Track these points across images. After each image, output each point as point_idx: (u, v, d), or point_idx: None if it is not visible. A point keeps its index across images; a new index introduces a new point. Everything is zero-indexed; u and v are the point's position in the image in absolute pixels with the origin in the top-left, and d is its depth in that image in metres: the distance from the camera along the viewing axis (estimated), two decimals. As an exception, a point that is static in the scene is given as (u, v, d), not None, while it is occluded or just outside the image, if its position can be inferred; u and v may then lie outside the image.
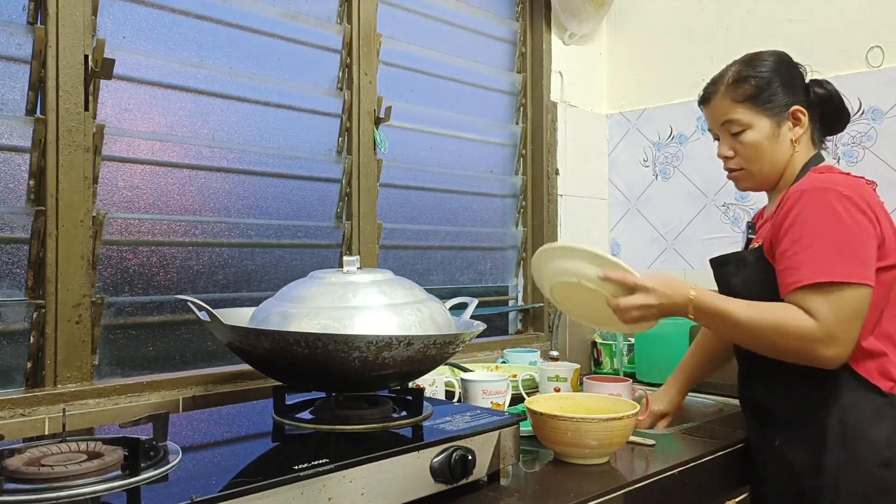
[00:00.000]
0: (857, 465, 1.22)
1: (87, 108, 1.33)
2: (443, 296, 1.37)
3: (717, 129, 1.40)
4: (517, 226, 2.29)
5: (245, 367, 1.48)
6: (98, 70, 1.33)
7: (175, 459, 0.90)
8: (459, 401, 1.52)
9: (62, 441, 0.93)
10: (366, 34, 1.81)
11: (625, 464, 1.26)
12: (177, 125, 1.52)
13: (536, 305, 2.26)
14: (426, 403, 1.19)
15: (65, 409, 1.21)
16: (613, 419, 1.22)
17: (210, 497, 0.78)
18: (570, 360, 1.84)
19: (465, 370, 1.72)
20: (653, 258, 2.34)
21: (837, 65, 1.92)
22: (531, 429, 1.30)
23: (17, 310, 1.29)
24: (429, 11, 2.02)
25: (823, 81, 1.38)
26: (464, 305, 1.37)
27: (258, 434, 1.11)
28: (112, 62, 1.33)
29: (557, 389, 1.59)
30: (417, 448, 1.00)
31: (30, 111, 1.30)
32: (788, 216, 1.24)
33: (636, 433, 1.39)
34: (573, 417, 1.22)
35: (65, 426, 1.03)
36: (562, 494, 1.08)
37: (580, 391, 1.63)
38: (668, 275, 1.28)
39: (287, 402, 1.20)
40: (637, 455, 1.32)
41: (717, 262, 1.43)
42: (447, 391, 1.55)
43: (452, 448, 1.03)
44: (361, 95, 1.80)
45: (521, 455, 1.19)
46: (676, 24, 2.28)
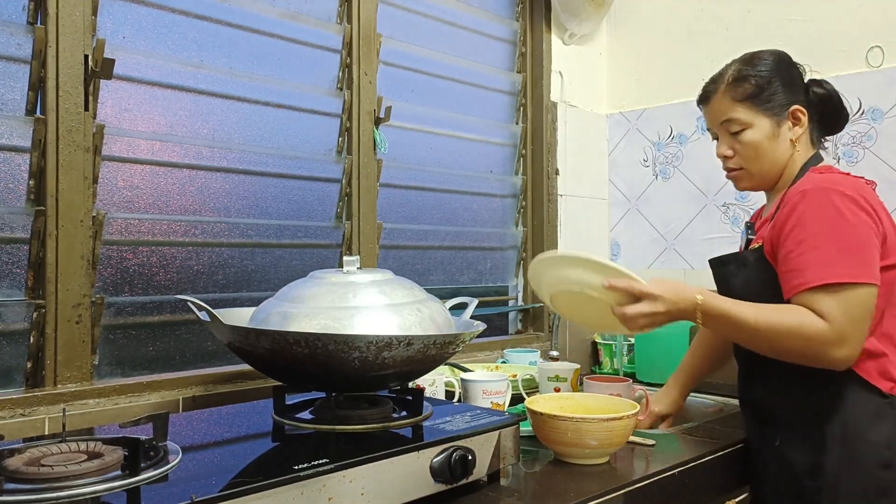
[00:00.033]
0: (857, 466, 1.22)
1: (87, 108, 1.33)
2: (443, 296, 1.36)
3: (717, 129, 1.39)
4: (517, 226, 2.29)
5: (245, 367, 1.48)
6: (98, 70, 1.33)
7: (175, 459, 0.90)
8: (459, 401, 1.52)
9: (62, 441, 0.93)
10: (366, 34, 1.81)
11: (625, 464, 1.26)
12: (177, 125, 1.52)
13: (536, 305, 2.26)
14: (426, 403, 1.19)
15: (65, 409, 1.21)
16: (613, 419, 1.22)
17: (210, 497, 0.78)
18: (570, 360, 1.84)
19: (465, 370, 1.72)
20: (653, 258, 2.34)
21: (837, 65, 1.92)
22: (531, 429, 1.30)
23: (17, 310, 1.29)
24: (429, 11, 2.03)
25: (822, 81, 1.37)
26: (464, 305, 1.37)
27: (258, 434, 1.11)
28: (112, 62, 1.33)
29: (557, 389, 1.59)
30: (417, 448, 1.00)
31: (30, 111, 1.30)
32: (791, 217, 1.23)
33: (636, 433, 1.39)
34: (573, 417, 1.22)
35: (65, 426, 1.03)
36: (562, 494, 1.08)
37: (580, 391, 1.63)
38: (673, 279, 1.27)
39: (287, 402, 1.20)
40: (637, 455, 1.32)
41: (717, 263, 1.43)
42: (447, 391, 1.55)
43: (452, 448, 1.03)
44: (361, 95, 1.80)
45: (521, 455, 1.19)
46: (676, 24, 2.28)
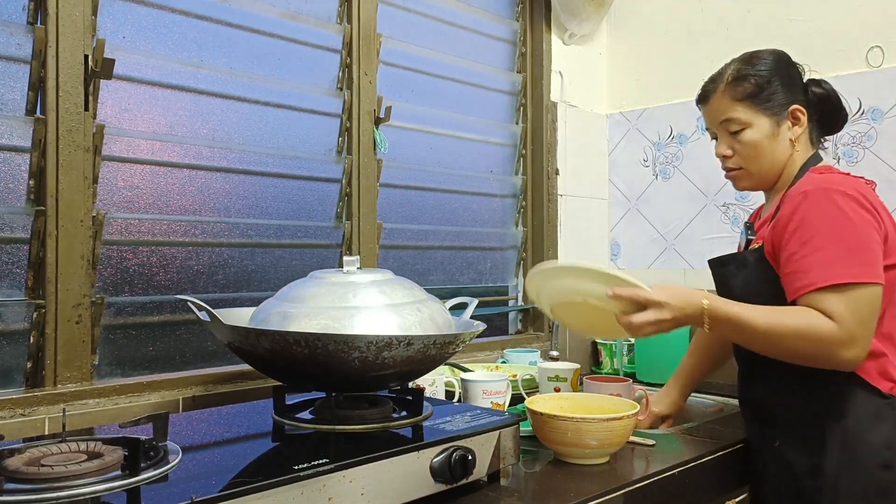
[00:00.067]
0: (857, 467, 1.22)
1: (87, 108, 1.33)
2: (443, 296, 1.36)
3: (716, 128, 1.39)
4: (517, 226, 2.29)
5: (245, 367, 1.48)
6: (98, 70, 1.33)
7: (175, 459, 0.90)
8: (459, 401, 1.52)
9: (62, 441, 0.93)
10: (366, 34, 1.81)
11: (625, 464, 1.26)
12: (177, 125, 1.52)
13: (536, 305, 2.25)
14: (426, 403, 1.19)
15: (65, 409, 1.20)
16: (613, 419, 1.22)
17: (210, 497, 0.78)
18: (570, 360, 1.84)
19: (465, 370, 1.72)
20: (653, 258, 2.34)
21: (837, 65, 1.92)
22: (531, 429, 1.30)
23: (17, 310, 1.29)
24: (429, 11, 2.02)
25: (821, 81, 1.37)
26: (464, 305, 1.37)
27: (258, 434, 1.11)
28: (112, 62, 1.33)
29: (557, 389, 1.59)
30: (417, 448, 1.00)
31: (30, 111, 1.30)
32: (793, 218, 1.22)
33: (636, 433, 1.39)
34: (573, 417, 1.22)
35: (65, 426, 1.03)
36: (562, 494, 1.08)
37: (580, 391, 1.63)
38: (676, 284, 1.26)
39: (287, 402, 1.20)
40: (637, 455, 1.32)
41: (717, 263, 1.43)
42: (447, 391, 1.55)
43: (452, 448, 1.03)
44: (361, 95, 1.80)
45: (521, 455, 1.19)
46: (676, 24, 2.28)
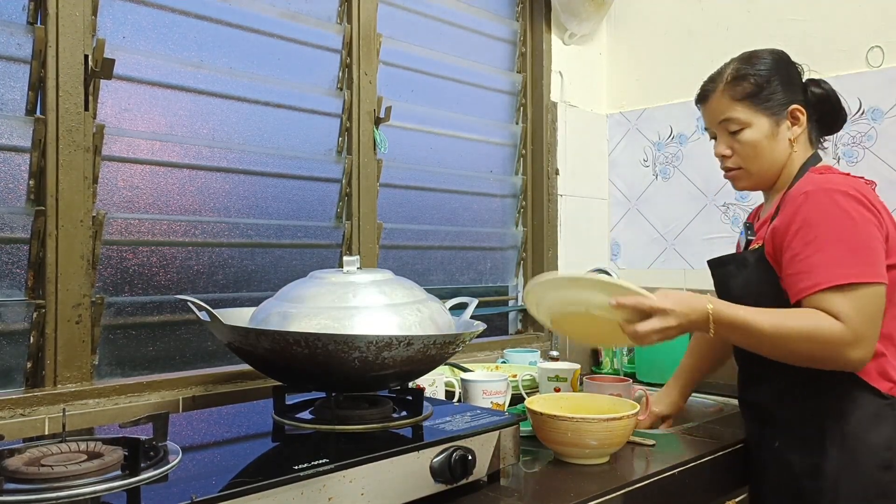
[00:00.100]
0: (857, 468, 1.21)
1: (87, 108, 1.33)
2: (443, 296, 1.36)
3: (715, 128, 1.39)
4: (517, 226, 2.29)
5: (245, 367, 1.48)
6: (98, 70, 1.33)
7: (175, 459, 0.90)
8: (459, 401, 1.52)
9: (62, 441, 0.93)
10: (366, 34, 1.81)
11: (625, 464, 1.26)
12: (177, 125, 1.52)
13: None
14: (426, 403, 1.19)
15: (65, 409, 1.20)
16: (613, 419, 1.22)
17: (210, 497, 0.78)
18: (570, 360, 1.84)
19: (465, 370, 1.72)
20: (653, 258, 2.34)
21: (837, 65, 1.92)
22: (531, 429, 1.30)
23: (17, 310, 1.29)
24: (429, 11, 2.02)
25: (820, 81, 1.37)
26: (464, 305, 1.37)
27: (258, 434, 1.11)
28: (112, 62, 1.33)
29: (557, 389, 1.59)
30: (417, 448, 1.00)
31: (30, 111, 1.30)
32: (795, 219, 1.22)
33: (636, 433, 1.39)
34: (573, 417, 1.22)
35: (65, 426, 1.03)
36: (562, 494, 1.08)
37: (580, 391, 1.63)
38: (678, 290, 1.24)
39: (287, 402, 1.20)
40: (637, 455, 1.32)
41: (716, 264, 1.43)
42: (447, 391, 1.55)
43: (452, 448, 1.03)
44: (361, 95, 1.80)
45: (521, 455, 1.19)
46: (676, 24, 2.28)
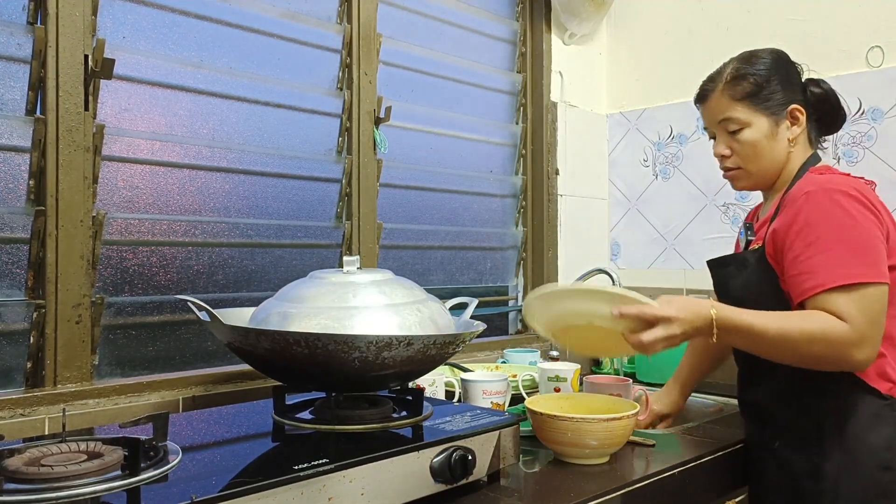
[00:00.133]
0: (857, 469, 1.21)
1: (87, 108, 1.33)
2: (443, 296, 1.36)
3: (714, 128, 1.38)
4: (517, 226, 2.29)
5: (245, 367, 1.48)
6: (98, 70, 1.33)
7: (175, 459, 0.90)
8: (459, 401, 1.52)
9: (62, 441, 0.93)
10: (366, 34, 1.81)
11: (625, 464, 1.26)
12: (177, 125, 1.52)
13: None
14: (426, 403, 1.19)
15: (65, 409, 1.20)
16: (613, 419, 1.22)
17: (210, 497, 0.78)
18: (570, 361, 1.84)
19: (465, 370, 1.72)
20: (653, 258, 2.34)
21: (837, 65, 1.92)
22: (531, 429, 1.29)
23: (17, 310, 1.29)
24: (429, 11, 2.02)
25: (820, 81, 1.36)
26: (464, 305, 1.37)
27: (258, 434, 1.11)
28: (112, 62, 1.33)
29: (557, 389, 1.59)
30: (417, 448, 1.00)
31: (30, 111, 1.30)
32: (797, 219, 1.22)
33: (636, 433, 1.39)
34: (573, 417, 1.21)
35: (65, 426, 1.03)
36: (562, 494, 1.08)
37: (580, 391, 1.63)
38: (681, 296, 1.24)
39: (287, 402, 1.20)
40: (637, 455, 1.32)
41: (716, 264, 1.43)
42: (447, 391, 1.55)
43: (452, 448, 1.03)
44: (361, 95, 1.80)
45: (521, 455, 1.19)
46: (676, 24, 2.28)
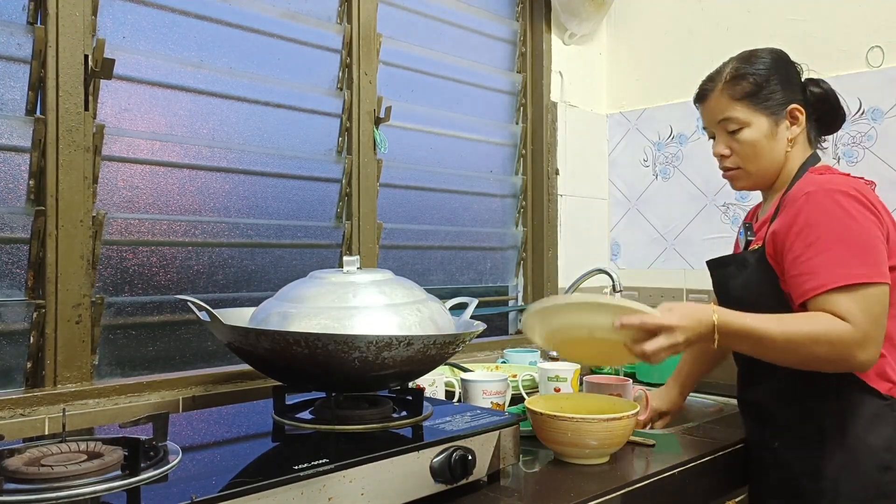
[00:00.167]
0: (857, 469, 1.21)
1: (87, 108, 1.33)
2: (443, 296, 1.36)
3: (714, 127, 1.38)
4: (517, 226, 2.29)
5: (245, 367, 1.48)
6: (98, 70, 1.33)
7: (175, 459, 0.90)
8: (459, 401, 1.52)
9: (62, 441, 0.93)
10: (366, 34, 1.81)
11: (625, 464, 1.26)
12: (177, 125, 1.52)
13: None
14: (426, 403, 1.19)
15: (65, 409, 1.20)
16: (613, 419, 1.22)
17: (210, 497, 0.78)
18: (570, 361, 1.84)
19: (465, 370, 1.72)
20: (653, 258, 2.34)
21: (837, 65, 1.92)
22: (531, 429, 1.29)
23: (17, 310, 1.29)
24: (429, 11, 2.02)
25: (819, 80, 1.36)
26: (464, 305, 1.37)
27: (258, 434, 1.11)
28: (112, 62, 1.33)
29: (557, 389, 1.59)
30: (417, 448, 1.00)
31: (30, 111, 1.30)
32: (797, 220, 1.22)
33: (636, 433, 1.39)
34: (573, 417, 1.21)
35: (65, 426, 1.03)
36: (562, 494, 1.08)
37: (580, 391, 1.63)
38: (682, 302, 1.22)
39: (287, 402, 1.20)
40: (637, 455, 1.32)
41: (716, 264, 1.42)
42: (447, 391, 1.55)
43: (452, 448, 1.03)
44: (361, 95, 1.80)
45: (521, 455, 1.19)
46: (676, 24, 2.28)
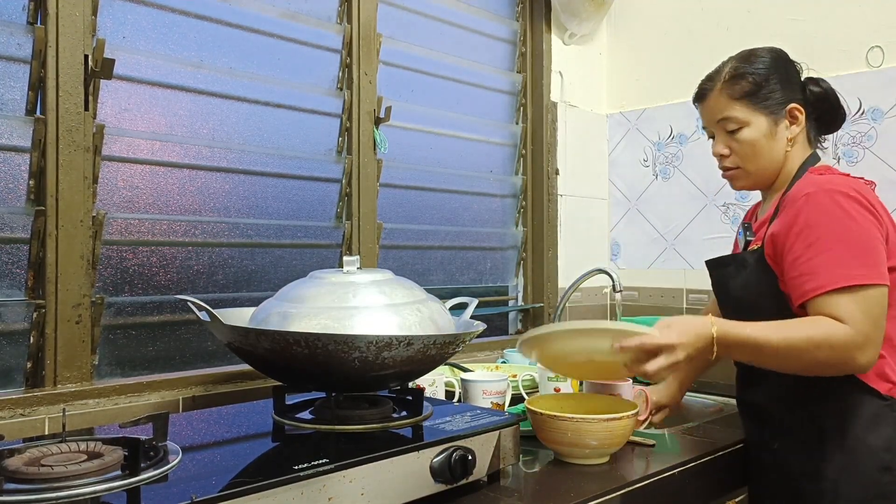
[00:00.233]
0: (857, 470, 1.21)
1: (87, 108, 1.33)
2: (443, 296, 1.36)
3: (713, 127, 1.38)
4: (517, 226, 2.29)
5: (245, 367, 1.48)
6: (98, 70, 1.33)
7: (175, 459, 0.90)
8: (459, 401, 1.52)
9: (62, 441, 0.93)
10: (366, 34, 1.81)
11: (625, 464, 1.26)
12: (177, 125, 1.52)
13: (536, 305, 2.26)
14: (426, 403, 1.19)
15: (65, 409, 1.21)
16: (613, 419, 1.22)
17: (210, 497, 0.78)
18: (570, 360, 1.84)
19: (465, 370, 1.72)
20: (653, 258, 2.34)
21: (837, 65, 1.92)
22: (531, 429, 1.29)
23: (17, 310, 1.29)
24: (429, 11, 2.02)
25: (819, 79, 1.36)
26: (464, 305, 1.37)
27: (258, 434, 1.11)
28: (112, 62, 1.33)
29: (557, 389, 1.58)
30: (417, 448, 1.00)
31: (30, 111, 1.30)
32: (797, 221, 1.21)
33: (636, 433, 1.39)
34: (573, 417, 1.21)
35: (65, 426, 1.03)
36: (562, 494, 1.08)
37: (580, 391, 1.63)
38: (678, 317, 1.21)
39: (287, 402, 1.20)
40: (637, 455, 1.32)
41: (716, 264, 1.42)
42: (447, 391, 1.55)
43: (452, 448, 1.03)
44: (361, 95, 1.80)
45: (521, 455, 1.19)
46: (676, 25, 2.28)
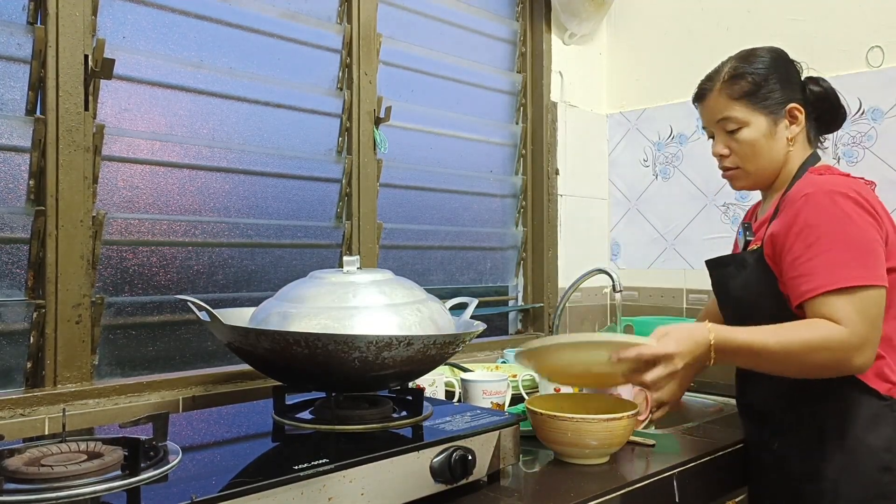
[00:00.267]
0: (857, 470, 1.21)
1: (87, 108, 1.33)
2: (443, 296, 1.36)
3: (713, 127, 1.37)
4: (517, 226, 2.29)
5: (245, 367, 1.48)
6: (98, 70, 1.33)
7: (175, 459, 0.90)
8: (459, 401, 1.52)
9: (62, 441, 0.93)
10: (366, 34, 1.81)
11: (625, 464, 1.26)
12: (177, 125, 1.52)
13: (536, 305, 2.26)
14: (426, 403, 1.19)
15: (65, 409, 1.20)
16: (613, 419, 1.22)
17: (210, 497, 0.78)
18: (570, 360, 1.84)
19: (465, 370, 1.72)
20: (653, 258, 2.34)
21: (837, 65, 1.92)
22: (531, 429, 1.30)
23: (17, 310, 1.29)
24: (429, 11, 2.02)
25: (819, 79, 1.36)
26: (464, 305, 1.37)
27: (258, 434, 1.11)
28: (112, 62, 1.33)
29: (557, 389, 1.58)
30: (417, 448, 1.00)
31: (30, 111, 1.30)
32: (796, 221, 1.21)
33: (636, 433, 1.39)
34: (573, 417, 1.21)
35: (65, 426, 1.03)
36: (562, 494, 1.08)
37: (580, 391, 1.63)
38: (675, 325, 1.21)
39: (287, 402, 1.20)
40: (637, 455, 1.32)
41: (715, 264, 1.42)
42: (447, 391, 1.55)
43: (452, 448, 1.03)
44: (361, 95, 1.80)
45: (521, 455, 1.19)
46: (676, 25, 2.28)
